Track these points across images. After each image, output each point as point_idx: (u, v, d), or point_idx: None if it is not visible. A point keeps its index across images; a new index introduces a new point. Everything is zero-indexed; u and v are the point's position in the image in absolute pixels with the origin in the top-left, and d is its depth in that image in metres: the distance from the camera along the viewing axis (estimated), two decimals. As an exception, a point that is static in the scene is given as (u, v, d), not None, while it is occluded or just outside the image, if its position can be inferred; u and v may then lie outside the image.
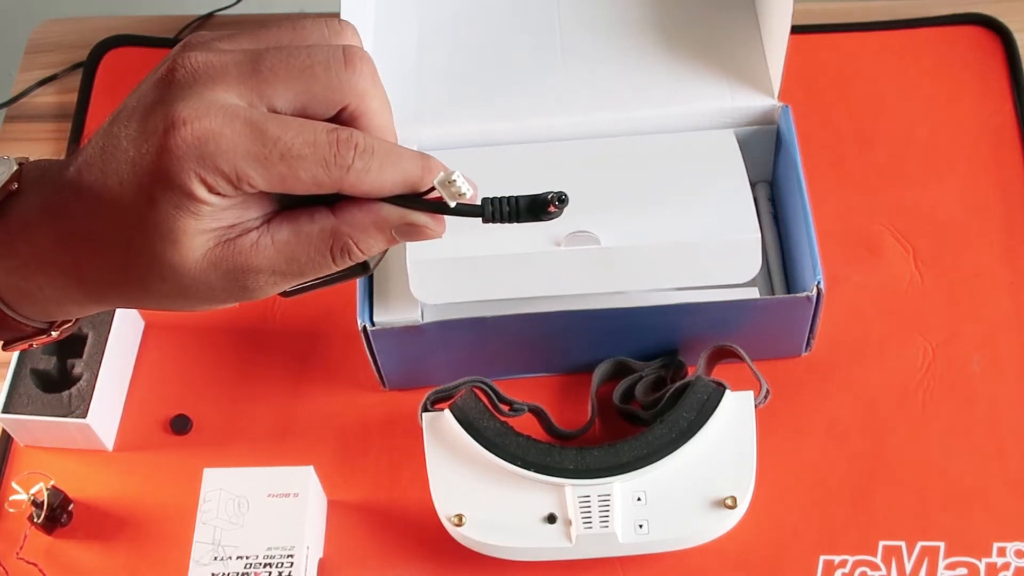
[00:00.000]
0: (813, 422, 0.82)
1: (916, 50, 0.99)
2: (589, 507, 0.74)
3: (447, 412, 0.77)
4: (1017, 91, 0.95)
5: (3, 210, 0.46)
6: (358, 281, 0.78)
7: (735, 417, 0.77)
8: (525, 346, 0.83)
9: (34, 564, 0.79)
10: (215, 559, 0.74)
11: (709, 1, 0.91)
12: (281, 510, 0.76)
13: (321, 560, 0.78)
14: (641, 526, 0.74)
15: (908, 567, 0.76)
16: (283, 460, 0.81)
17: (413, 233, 0.45)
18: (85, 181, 0.44)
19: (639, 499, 0.74)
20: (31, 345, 0.50)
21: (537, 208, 0.45)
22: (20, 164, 0.46)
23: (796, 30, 0.80)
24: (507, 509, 0.75)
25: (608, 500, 0.74)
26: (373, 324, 0.79)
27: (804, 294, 0.78)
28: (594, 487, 0.74)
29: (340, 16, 0.78)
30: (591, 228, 0.79)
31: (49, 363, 0.83)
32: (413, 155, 0.44)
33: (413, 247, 0.79)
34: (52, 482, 0.79)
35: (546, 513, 0.74)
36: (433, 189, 0.44)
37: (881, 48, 0.99)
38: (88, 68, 1.03)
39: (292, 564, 0.74)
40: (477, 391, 0.78)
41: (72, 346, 0.83)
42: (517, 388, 0.81)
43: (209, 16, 1.08)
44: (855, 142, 0.94)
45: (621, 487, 0.75)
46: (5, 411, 0.81)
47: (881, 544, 0.77)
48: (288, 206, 0.45)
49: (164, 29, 1.06)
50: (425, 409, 0.78)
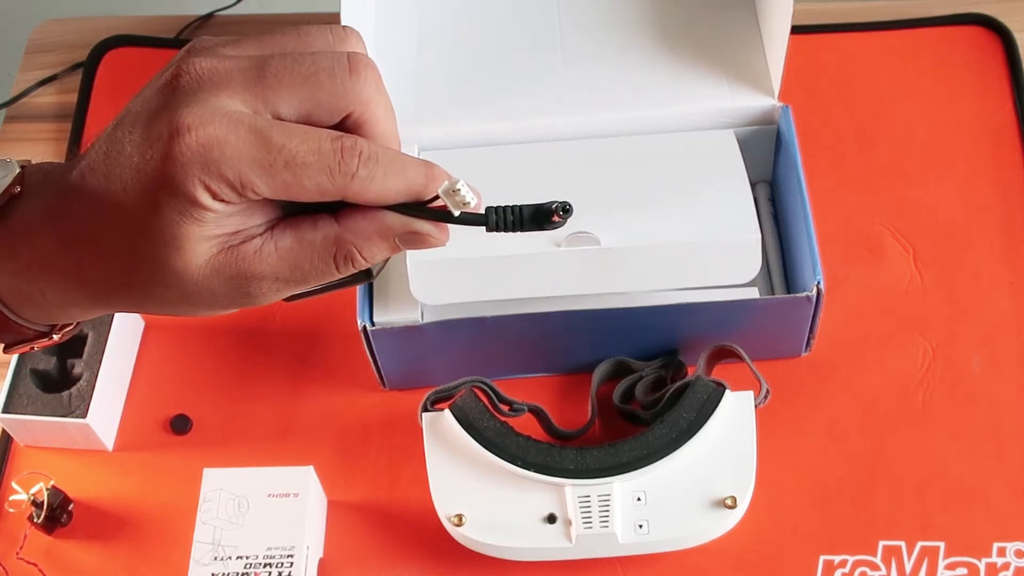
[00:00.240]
0: (813, 422, 0.82)
1: (916, 50, 0.99)
2: (589, 507, 0.74)
3: (447, 412, 0.77)
4: (1017, 91, 0.95)
5: (5, 213, 0.46)
6: (358, 282, 0.78)
7: (735, 417, 0.77)
8: (525, 346, 0.83)
9: (34, 564, 0.79)
10: (215, 559, 0.74)
11: (709, 1, 0.91)
12: (281, 510, 0.76)
13: (321, 560, 0.78)
14: (641, 526, 0.74)
15: (908, 567, 0.76)
16: (283, 460, 0.81)
17: (417, 241, 0.45)
18: (88, 185, 0.43)
19: (639, 499, 0.74)
20: (32, 348, 0.50)
21: (541, 217, 0.45)
22: (22, 167, 0.46)
23: (796, 30, 0.80)
24: (507, 509, 0.75)
25: (608, 500, 0.74)
26: (373, 324, 0.79)
27: (804, 294, 0.78)
28: (594, 487, 0.74)
29: (341, 16, 0.78)
30: (591, 228, 0.79)
31: (49, 363, 0.83)
32: (417, 163, 0.44)
33: None
34: (52, 482, 0.79)
35: (546, 513, 0.74)
36: (437, 197, 0.44)
37: (881, 48, 0.99)
38: (88, 68, 1.03)
39: (292, 564, 0.74)
40: (477, 391, 0.78)
41: (72, 346, 0.83)
42: (517, 388, 0.81)
43: (209, 16, 1.08)
44: (855, 142, 0.94)
45: (621, 487, 0.75)
46: (5, 411, 0.81)
47: (881, 544, 0.77)
48: (292, 213, 0.45)
49: (164, 29, 1.06)
50: (425, 409, 0.78)
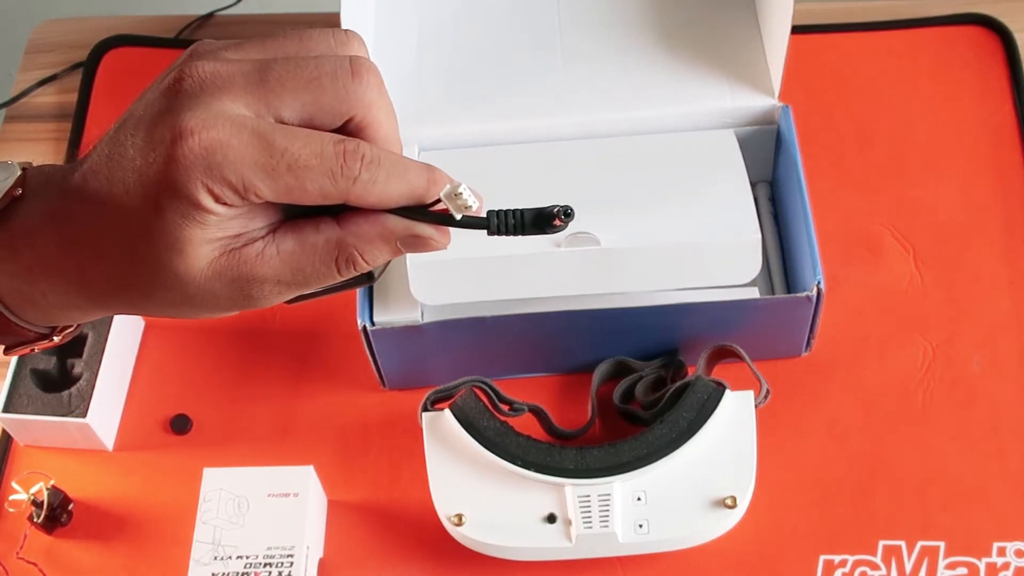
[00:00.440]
0: (813, 422, 0.82)
1: (916, 50, 0.99)
2: (589, 507, 0.74)
3: (447, 412, 0.77)
4: (1017, 91, 0.95)
5: (6, 215, 0.46)
6: (358, 282, 0.78)
7: (735, 417, 0.77)
8: (525, 346, 0.83)
9: (34, 564, 0.79)
10: (215, 559, 0.74)
11: (709, 1, 0.91)
12: (281, 510, 0.76)
13: (321, 560, 0.78)
14: (641, 526, 0.74)
15: (908, 567, 0.76)
16: (283, 460, 0.81)
17: (418, 245, 0.45)
18: (91, 187, 0.43)
19: (639, 499, 0.74)
20: (33, 350, 0.50)
21: (542, 221, 0.45)
22: (24, 169, 0.46)
23: (796, 30, 0.80)
24: (507, 509, 0.75)
25: (608, 500, 0.74)
26: (373, 324, 0.79)
27: (804, 294, 0.78)
28: (594, 487, 0.74)
29: (341, 16, 0.78)
30: (591, 229, 0.79)
31: (49, 363, 0.83)
32: (419, 167, 0.44)
33: None
34: (52, 482, 0.79)
35: (546, 513, 0.74)
36: (439, 201, 0.44)
37: (881, 48, 0.99)
38: (88, 68, 1.03)
39: (292, 564, 0.74)
40: (477, 391, 0.78)
41: (72, 346, 0.83)
42: (517, 388, 0.81)
43: (209, 16, 1.08)
44: (855, 142, 0.94)
45: (621, 487, 0.75)
46: (5, 411, 0.81)
47: (881, 544, 0.77)
48: (293, 216, 0.45)
49: (164, 29, 1.06)
50: (425, 409, 0.78)
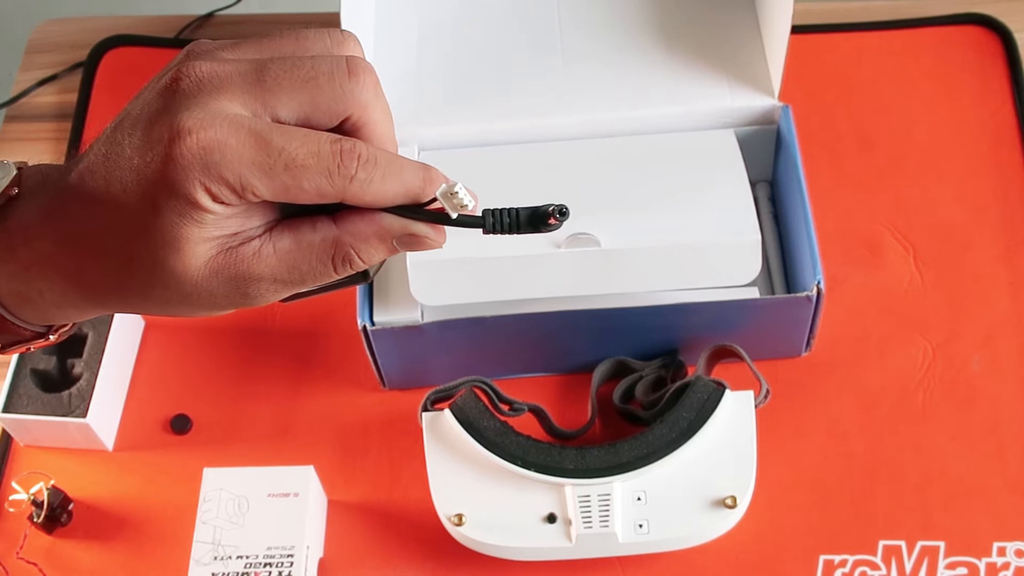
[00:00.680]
0: (813, 422, 0.82)
1: (916, 50, 0.99)
2: (589, 507, 0.74)
3: (447, 412, 0.77)
4: (1017, 91, 0.95)
5: (3, 215, 0.46)
6: (357, 282, 0.78)
7: (735, 417, 0.77)
8: (525, 346, 0.83)
9: (34, 564, 0.79)
10: (215, 559, 0.74)
11: (709, 1, 0.91)
12: (281, 510, 0.76)
13: (321, 560, 0.78)
14: (641, 526, 0.74)
15: (908, 567, 0.76)
16: (283, 460, 0.81)
17: (414, 243, 0.45)
18: (88, 187, 0.43)
19: (639, 499, 0.74)
20: (29, 348, 0.50)
21: (537, 220, 0.45)
22: (19, 169, 0.46)
23: (796, 30, 0.80)
24: (507, 509, 0.75)
25: (608, 500, 0.74)
26: (373, 324, 0.79)
27: (804, 294, 0.78)
28: (594, 487, 0.74)
29: (340, 16, 0.78)
30: (591, 229, 0.79)
31: (49, 363, 0.83)
32: (415, 166, 0.45)
33: None
34: (52, 482, 0.79)
35: (546, 513, 0.74)
36: (435, 200, 0.44)
37: (881, 48, 0.99)
38: (88, 68, 1.03)
39: (292, 564, 0.74)
40: (477, 391, 0.78)
41: (72, 346, 0.83)
42: (517, 388, 0.81)
43: (209, 16, 1.08)
44: (855, 142, 0.94)
45: (621, 487, 0.75)
46: (5, 411, 0.81)
47: (881, 544, 0.77)
48: (290, 215, 0.45)
49: (164, 29, 1.06)
50: (425, 409, 0.78)
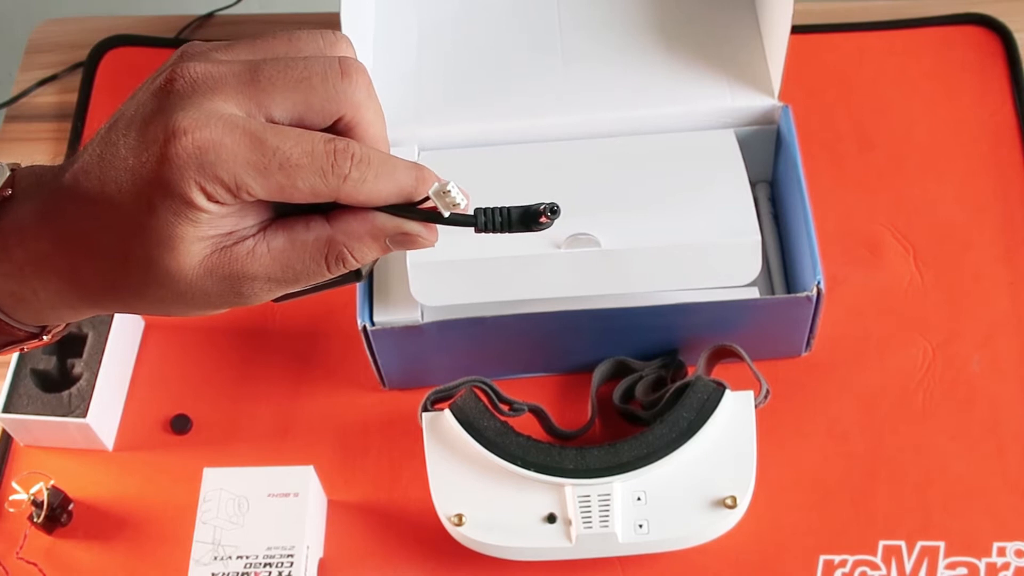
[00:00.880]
0: (813, 422, 0.82)
1: (916, 50, 0.99)
2: (589, 507, 0.74)
3: (447, 412, 0.77)
4: (1017, 91, 0.95)
5: None
6: (358, 281, 0.78)
7: (735, 417, 0.77)
8: (525, 346, 0.83)
9: (34, 564, 0.79)
10: (215, 559, 0.74)
11: (709, 1, 0.91)
12: (281, 510, 0.76)
13: (321, 560, 0.78)
14: (641, 526, 0.74)
15: (908, 567, 0.76)
16: (283, 460, 0.81)
17: (407, 242, 0.45)
18: (83, 187, 0.44)
19: (639, 499, 0.74)
20: (23, 349, 0.50)
21: (528, 219, 0.46)
22: (12, 170, 0.46)
23: (796, 30, 0.80)
24: (507, 509, 0.75)
25: (608, 500, 0.74)
26: (373, 324, 0.79)
27: (804, 294, 0.78)
28: (594, 487, 0.74)
29: (340, 16, 0.78)
30: (591, 229, 0.79)
31: (49, 363, 0.83)
32: (408, 165, 0.45)
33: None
34: (52, 482, 0.79)
35: (546, 513, 0.74)
36: (427, 199, 0.45)
37: (881, 48, 0.99)
38: (88, 68, 1.03)
39: (292, 564, 0.74)
40: (477, 391, 0.78)
41: (72, 346, 0.83)
42: (517, 388, 0.81)
43: (209, 16, 1.08)
44: (855, 142, 0.94)
45: (621, 487, 0.75)
46: (5, 411, 0.81)
47: (881, 544, 0.77)
48: (284, 214, 0.45)
49: (164, 29, 1.06)
50: (425, 409, 0.78)
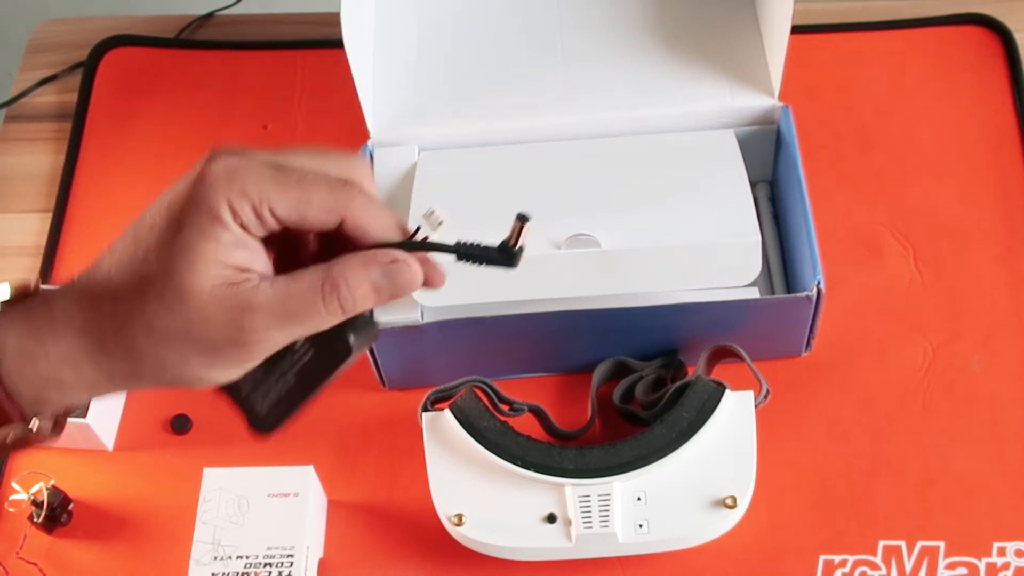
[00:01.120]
0: (813, 422, 0.82)
1: (916, 50, 0.99)
2: (589, 507, 0.74)
3: (447, 412, 0.77)
4: (1017, 91, 0.95)
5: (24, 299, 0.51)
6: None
7: (735, 417, 0.77)
8: (525, 346, 0.83)
9: (34, 564, 0.79)
10: (215, 559, 0.74)
11: (709, 1, 0.91)
12: (281, 510, 0.76)
13: (321, 560, 0.78)
14: (641, 526, 0.74)
15: (908, 567, 0.76)
16: (283, 460, 0.81)
17: (395, 272, 0.49)
18: (111, 262, 0.49)
19: (639, 499, 0.74)
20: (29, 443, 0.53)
21: (505, 254, 0.50)
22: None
23: (796, 30, 0.80)
24: (507, 509, 0.75)
25: (608, 500, 0.74)
26: (373, 324, 0.79)
27: (804, 294, 0.78)
28: (594, 487, 0.74)
29: (341, 16, 0.78)
30: (591, 229, 0.79)
31: (49, 363, 0.83)
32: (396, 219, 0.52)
33: None
34: (52, 482, 0.79)
35: (546, 513, 0.74)
36: (419, 229, 0.50)
37: (881, 48, 0.99)
38: (88, 68, 1.03)
39: (292, 564, 0.74)
40: (477, 391, 0.78)
41: (72, 346, 0.83)
42: (517, 388, 0.81)
43: (209, 16, 1.08)
44: (855, 142, 0.94)
45: (621, 487, 0.75)
46: (5, 411, 0.81)
47: (881, 544, 0.77)
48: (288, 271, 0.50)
49: (164, 29, 1.06)
50: (425, 409, 0.78)
